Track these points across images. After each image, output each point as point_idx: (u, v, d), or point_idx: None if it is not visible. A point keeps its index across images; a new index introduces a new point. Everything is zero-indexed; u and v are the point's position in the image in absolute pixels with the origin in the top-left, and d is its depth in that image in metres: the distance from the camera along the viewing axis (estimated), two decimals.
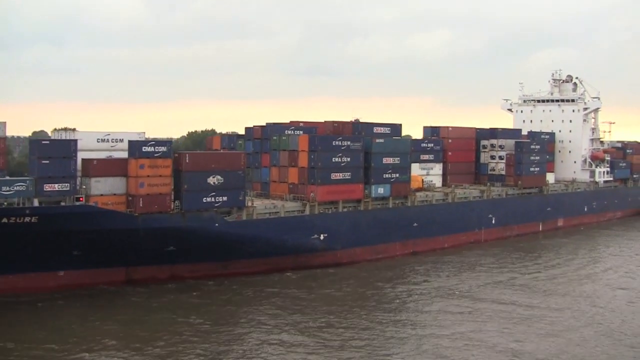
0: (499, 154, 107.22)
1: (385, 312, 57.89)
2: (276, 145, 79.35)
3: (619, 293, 66.55)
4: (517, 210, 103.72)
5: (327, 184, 75.52)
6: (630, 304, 62.10)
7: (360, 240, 78.97)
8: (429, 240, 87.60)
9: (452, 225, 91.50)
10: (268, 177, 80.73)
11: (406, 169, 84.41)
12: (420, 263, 79.83)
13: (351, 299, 62.48)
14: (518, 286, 68.29)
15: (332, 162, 76.03)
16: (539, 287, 67.80)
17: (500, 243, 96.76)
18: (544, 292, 65.99)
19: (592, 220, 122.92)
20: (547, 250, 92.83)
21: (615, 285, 69.93)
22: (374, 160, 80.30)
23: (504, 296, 63.71)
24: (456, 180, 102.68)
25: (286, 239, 72.05)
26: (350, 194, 78.14)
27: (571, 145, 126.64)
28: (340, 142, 76.99)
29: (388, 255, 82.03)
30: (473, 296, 63.53)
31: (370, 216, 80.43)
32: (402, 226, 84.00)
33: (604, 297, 64.33)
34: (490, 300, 62.19)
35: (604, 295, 65.20)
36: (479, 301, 61.55)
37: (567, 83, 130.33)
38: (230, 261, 69.22)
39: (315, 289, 66.18)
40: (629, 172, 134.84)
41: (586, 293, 66.03)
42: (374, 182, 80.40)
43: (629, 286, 69.75)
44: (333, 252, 76.39)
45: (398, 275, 73.16)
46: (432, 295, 64.20)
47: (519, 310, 58.47)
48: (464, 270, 76.68)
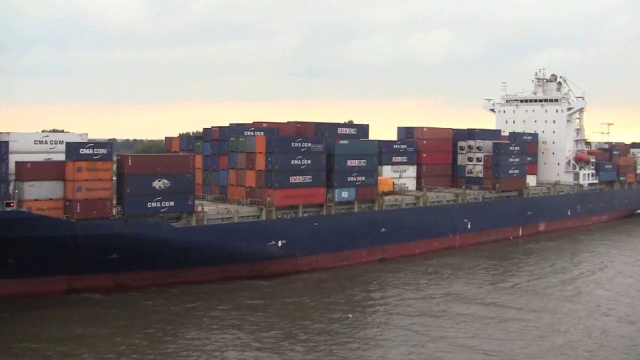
0: (477, 155, 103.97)
1: (343, 325, 54.58)
2: (234, 147, 76.04)
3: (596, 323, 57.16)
4: (495, 215, 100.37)
5: (285, 188, 72.16)
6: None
7: (323, 246, 75.60)
8: (398, 246, 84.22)
9: (424, 231, 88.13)
10: (226, 180, 77.39)
11: (373, 171, 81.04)
12: (386, 270, 76.45)
13: (307, 309, 59.20)
14: (478, 301, 64.52)
15: (291, 165, 72.65)
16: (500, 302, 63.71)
17: (475, 249, 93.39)
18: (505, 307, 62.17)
19: (576, 224, 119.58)
20: (522, 256, 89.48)
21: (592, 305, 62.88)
22: (337, 162, 76.92)
23: (466, 310, 60.18)
24: (431, 183, 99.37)
25: (240, 245, 68.68)
26: (311, 199, 74.74)
27: (555, 147, 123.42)
28: (300, 143, 73.59)
29: (353, 262, 78.67)
30: (431, 311, 60.09)
31: (334, 221, 77.04)
32: (368, 232, 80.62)
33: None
34: (451, 314, 58.84)
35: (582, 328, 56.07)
36: (438, 317, 58.06)
37: (551, 82, 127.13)
38: (180, 269, 65.85)
39: (271, 298, 62.95)
40: (615, 174, 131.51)
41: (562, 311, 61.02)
42: (337, 185, 77.02)
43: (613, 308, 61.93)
44: (293, 259, 73.02)
45: (361, 283, 69.87)
46: (393, 305, 60.92)
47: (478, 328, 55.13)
48: (430, 278, 73.32)
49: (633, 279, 75.24)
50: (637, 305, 62.85)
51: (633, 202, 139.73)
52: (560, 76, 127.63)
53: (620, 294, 67.49)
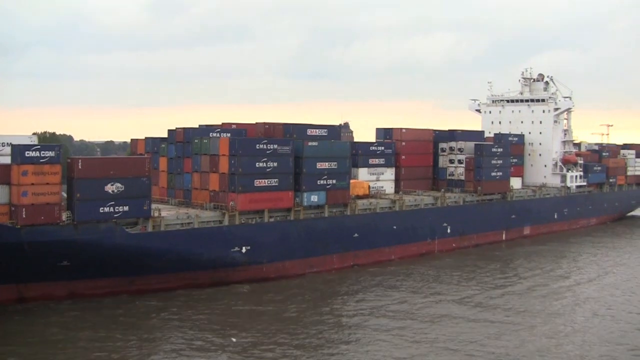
0: (458, 157, 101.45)
1: (307, 336, 52.03)
2: (198, 149, 73.51)
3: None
4: (477, 219, 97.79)
5: (249, 192, 69.57)
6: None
7: (291, 252, 73.04)
8: (372, 251, 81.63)
9: (400, 236, 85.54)
10: (190, 184, 74.85)
11: (344, 174, 78.49)
12: (358, 277, 73.89)
13: (270, 319, 56.69)
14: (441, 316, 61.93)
15: (256, 168, 70.11)
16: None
17: (455, 254, 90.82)
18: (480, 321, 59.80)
19: (563, 227, 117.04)
20: (504, 260, 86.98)
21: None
22: (306, 165, 74.36)
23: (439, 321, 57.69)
24: (411, 186, 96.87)
25: (201, 252, 66.12)
26: (278, 203, 72.16)
27: (541, 148, 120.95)
28: (266, 145, 71.05)
29: (324, 269, 76.11)
30: (406, 316, 57.58)
31: (302, 226, 74.48)
32: (340, 237, 78.06)
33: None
34: (426, 322, 56.33)
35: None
36: (408, 327, 55.57)
37: (538, 82, 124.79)
38: (136, 277, 63.39)
39: (233, 306, 60.60)
40: (604, 176, 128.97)
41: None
42: (306, 189, 74.43)
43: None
44: (258, 266, 70.45)
45: (330, 291, 67.39)
46: (362, 315, 58.42)
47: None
48: (402, 285, 70.77)
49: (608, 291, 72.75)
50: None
51: (623, 205, 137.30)
52: (548, 76, 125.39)
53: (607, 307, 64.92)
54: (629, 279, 76.06)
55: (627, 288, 71.36)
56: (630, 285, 72.97)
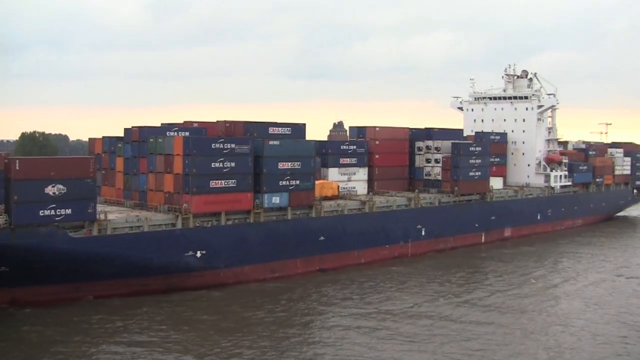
0: (435, 157, 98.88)
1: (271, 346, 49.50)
2: (152, 148, 70.90)
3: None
4: (454, 220, 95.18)
5: (204, 193, 66.96)
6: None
7: (250, 257, 70.44)
8: (340, 255, 79.04)
9: (371, 238, 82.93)
10: (146, 185, 72.25)
11: (309, 174, 75.86)
12: (324, 281, 71.31)
13: (223, 328, 54.08)
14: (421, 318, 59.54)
15: (212, 168, 67.47)
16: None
17: (429, 257, 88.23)
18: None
19: (547, 229, 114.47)
20: (480, 265, 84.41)
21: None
22: (266, 165, 71.76)
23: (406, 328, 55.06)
24: (385, 187, 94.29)
25: (151, 257, 63.50)
26: (236, 205, 69.53)
27: (524, 147, 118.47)
28: (222, 144, 68.39)
29: (287, 274, 73.48)
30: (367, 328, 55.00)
31: (263, 229, 71.86)
32: (304, 240, 75.44)
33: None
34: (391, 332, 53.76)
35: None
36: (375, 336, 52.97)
37: (521, 79, 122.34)
38: (82, 283, 60.78)
39: (183, 315, 57.93)
40: (590, 175, 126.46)
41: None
42: (266, 190, 71.82)
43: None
44: (214, 271, 67.85)
45: (292, 297, 64.80)
46: (327, 321, 55.88)
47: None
48: (369, 290, 68.16)
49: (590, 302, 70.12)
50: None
51: (611, 205, 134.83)
52: (533, 72, 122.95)
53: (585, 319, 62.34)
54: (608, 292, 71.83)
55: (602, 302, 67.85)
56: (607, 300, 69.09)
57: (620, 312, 61.33)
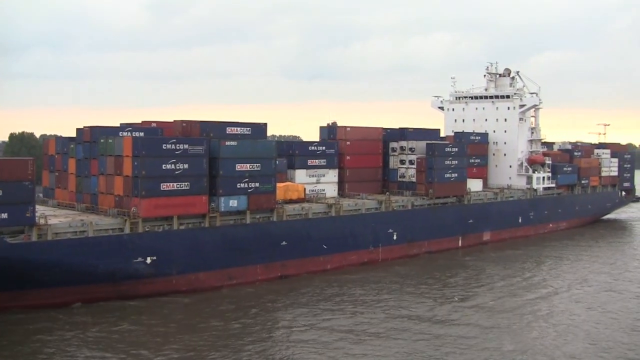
0: (409, 158, 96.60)
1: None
2: (103, 149, 68.59)
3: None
4: (428, 224, 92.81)
5: (155, 197, 64.57)
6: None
7: (205, 263, 68.07)
8: (303, 261, 76.66)
9: (337, 243, 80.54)
10: (97, 188, 69.90)
11: (270, 176, 73.52)
12: (286, 289, 68.99)
13: (170, 340, 51.79)
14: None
15: (163, 170, 65.11)
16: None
17: (401, 263, 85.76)
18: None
19: (529, 232, 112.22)
20: (452, 270, 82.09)
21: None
22: (223, 167, 69.39)
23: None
24: (357, 189, 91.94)
25: (97, 263, 61.09)
26: (189, 208, 67.16)
27: (506, 148, 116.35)
28: (174, 145, 66.02)
29: (246, 281, 71.12)
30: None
31: (219, 234, 69.50)
32: (265, 245, 73.06)
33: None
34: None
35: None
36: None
37: (504, 77, 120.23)
38: (23, 291, 58.41)
39: (129, 324, 55.68)
40: (575, 177, 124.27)
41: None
42: (223, 193, 69.45)
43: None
44: (166, 277, 65.48)
45: (249, 305, 62.43)
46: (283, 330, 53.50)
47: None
48: (332, 298, 65.87)
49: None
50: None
51: (597, 208, 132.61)
52: (516, 71, 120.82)
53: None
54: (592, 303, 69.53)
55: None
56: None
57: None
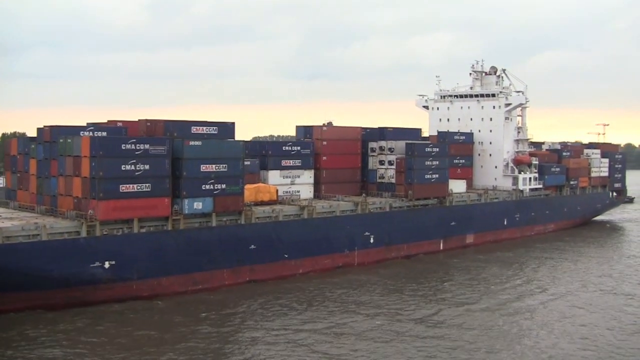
0: (389, 158, 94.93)
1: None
2: (62, 149, 66.91)
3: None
4: (408, 227, 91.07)
5: (113, 199, 62.85)
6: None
7: (169, 267, 66.38)
8: (273, 265, 74.98)
9: (310, 247, 78.85)
10: (57, 189, 68.21)
11: (237, 178, 71.77)
12: (254, 295, 67.29)
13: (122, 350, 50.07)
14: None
15: (122, 171, 63.38)
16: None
17: (379, 267, 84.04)
18: None
19: (515, 235, 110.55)
20: (429, 275, 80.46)
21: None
22: (187, 167, 67.67)
23: None
24: (334, 191, 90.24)
25: (51, 268, 59.37)
26: (150, 211, 65.39)
27: (492, 148, 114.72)
28: (134, 145, 64.28)
29: (212, 286, 69.44)
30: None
31: (183, 237, 67.72)
32: (233, 249, 71.35)
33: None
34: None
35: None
36: None
37: (489, 76, 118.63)
38: None
39: (78, 334, 54.02)
40: (563, 178, 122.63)
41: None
42: (187, 195, 67.69)
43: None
44: (127, 283, 63.77)
45: (212, 311, 60.82)
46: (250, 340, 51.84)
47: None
48: (298, 304, 64.21)
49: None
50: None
51: (587, 209, 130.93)
52: (502, 69, 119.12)
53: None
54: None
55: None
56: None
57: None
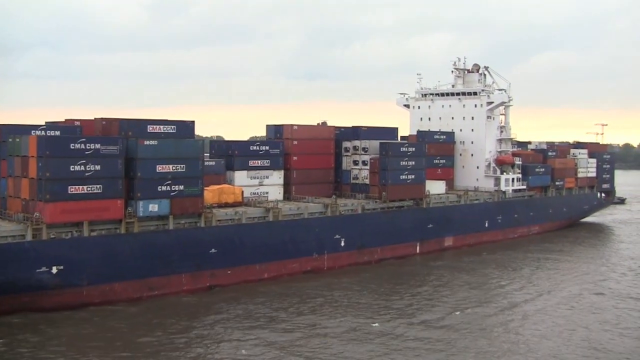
0: (363, 158, 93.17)
1: None
2: (12, 149, 65.15)
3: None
4: (382, 229, 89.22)
5: (61, 201, 61.03)
6: None
7: (122, 272, 64.48)
8: (236, 270, 73.10)
9: (276, 250, 77.00)
10: (6, 191, 66.41)
11: (196, 179, 69.94)
12: (214, 301, 65.61)
13: None
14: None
15: (71, 172, 61.57)
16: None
17: (351, 271, 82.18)
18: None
19: (497, 237, 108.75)
20: (401, 280, 78.71)
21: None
22: (141, 168, 65.86)
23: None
24: (305, 192, 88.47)
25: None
26: (102, 213, 63.53)
27: (473, 147, 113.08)
28: (84, 144, 62.45)
29: (169, 291, 67.60)
30: None
31: (137, 241, 65.87)
32: (191, 253, 69.48)
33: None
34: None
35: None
36: None
37: (472, 73, 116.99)
38: None
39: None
40: (548, 178, 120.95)
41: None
42: (141, 196, 65.88)
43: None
44: (76, 289, 61.90)
45: (169, 317, 59.00)
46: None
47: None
48: (264, 310, 62.45)
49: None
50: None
51: (574, 211, 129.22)
52: (485, 66, 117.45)
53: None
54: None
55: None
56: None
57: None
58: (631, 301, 69.11)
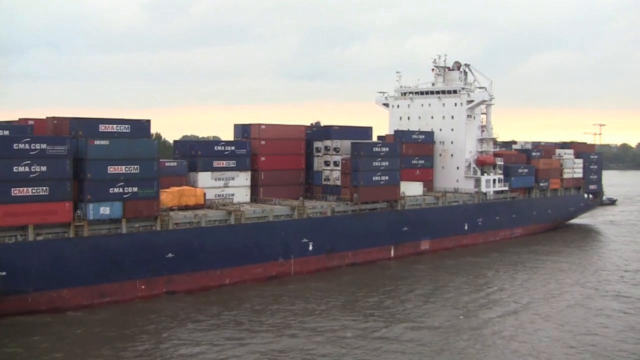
0: (334, 159, 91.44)
1: None
2: None
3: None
4: (353, 233, 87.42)
5: (3, 203, 59.20)
6: None
7: (71, 278, 62.75)
8: (195, 275, 71.37)
9: (238, 255, 75.22)
10: None
11: (151, 180, 68.16)
12: (171, 307, 64.01)
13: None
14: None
15: (14, 173, 59.80)
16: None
17: (319, 276, 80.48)
18: None
19: (477, 240, 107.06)
20: (371, 286, 77.02)
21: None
22: (92, 169, 64.14)
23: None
24: (274, 194, 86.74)
25: None
26: (48, 217, 61.74)
27: (453, 147, 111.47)
28: (29, 144, 60.64)
29: (123, 298, 65.88)
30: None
31: (87, 245, 64.10)
32: (146, 258, 67.74)
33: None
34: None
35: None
36: None
37: (452, 72, 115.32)
38: None
39: None
40: (532, 179, 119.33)
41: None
42: (92, 199, 64.15)
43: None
44: (20, 296, 60.16)
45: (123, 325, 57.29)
46: None
47: None
48: (224, 317, 60.77)
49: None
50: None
51: (559, 213, 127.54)
52: (466, 64, 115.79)
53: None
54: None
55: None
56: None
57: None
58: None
